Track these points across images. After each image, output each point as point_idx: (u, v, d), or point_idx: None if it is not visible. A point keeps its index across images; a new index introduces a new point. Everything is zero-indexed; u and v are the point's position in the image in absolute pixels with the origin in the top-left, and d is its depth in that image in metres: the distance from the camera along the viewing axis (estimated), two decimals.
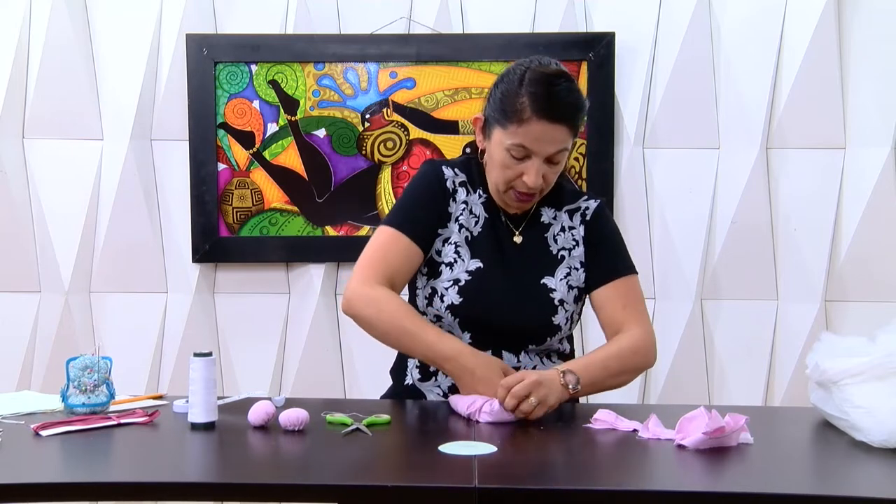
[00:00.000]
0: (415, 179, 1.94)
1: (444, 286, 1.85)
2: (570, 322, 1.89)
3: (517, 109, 1.75)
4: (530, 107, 1.74)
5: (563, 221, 1.93)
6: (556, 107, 1.74)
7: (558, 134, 1.76)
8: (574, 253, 1.91)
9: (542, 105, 1.74)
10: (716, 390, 2.91)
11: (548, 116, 1.74)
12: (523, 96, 1.75)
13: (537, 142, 1.76)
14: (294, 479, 1.38)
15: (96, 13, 2.90)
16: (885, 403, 1.51)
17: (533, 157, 1.77)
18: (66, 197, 2.90)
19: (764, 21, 2.85)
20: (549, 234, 1.91)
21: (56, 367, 2.78)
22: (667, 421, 1.59)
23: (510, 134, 1.77)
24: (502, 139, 1.79)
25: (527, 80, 1.76)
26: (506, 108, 1.77)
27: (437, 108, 2.87)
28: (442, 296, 1.85)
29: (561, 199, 1.94)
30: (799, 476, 1.45)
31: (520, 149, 1.77)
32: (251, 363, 2.94)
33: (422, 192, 1.90)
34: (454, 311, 1.84)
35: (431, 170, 1.92)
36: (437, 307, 1.86)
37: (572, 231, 1.92)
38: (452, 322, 1.86)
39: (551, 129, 1.75)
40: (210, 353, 1.65)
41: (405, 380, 1.96)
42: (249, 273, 2.94)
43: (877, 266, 2.84)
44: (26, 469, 1.43)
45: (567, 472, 1.44)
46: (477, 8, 2.89)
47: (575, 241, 1.91)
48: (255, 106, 2.87)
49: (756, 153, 2.85)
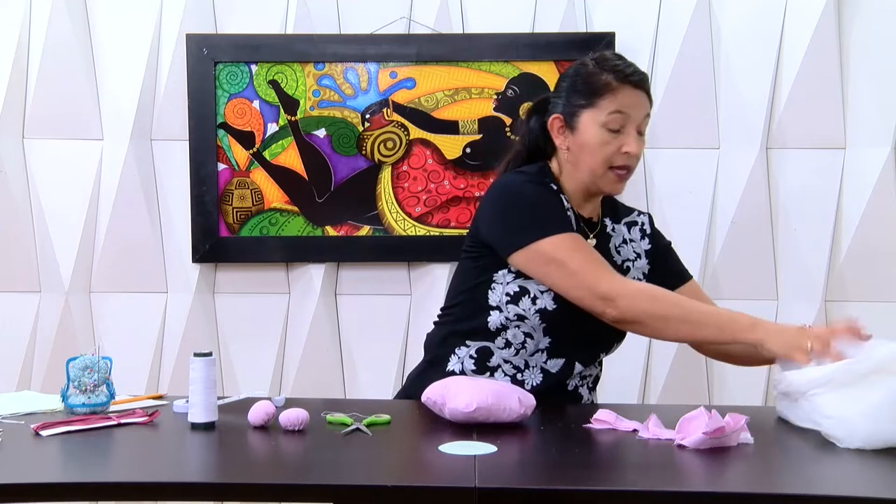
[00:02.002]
0: (528, 189, 1.85)
1: (539, 288, 1.82)
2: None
3: (604, 83, 1.84)
4: (615, 78, 1.83)
5: (623, 234, 1.98)
6: (635, 73, 1.85)
7: (643, 100, 1.86)
8: (637, 264, 1.97)
9: (626, 73, 1.83)
10: (716, 390, 2.92)
11: (632, 83, 1.83)
12: (606, 72, 1.84)
13: (631, 107, 1.84)
14: (294, 479, 1.38)
15: (96, 13, 2.90)
16: (853, 409, 1.51)
17: (628, 126, 1.84)
18: (66, 197, 2.90)
19: (764, 21, 2.85)
20: (612, 245, 1.96)
21: (56, 367, 2.78)
22: (667, 421, 1.59)
23: (604, 107, 1.83)
24: (595, 117, 1.84)
25: (601, 61, 1.86)
26: (592, 89, 1.85)
27: (437, 108, 2.87)
28: (535, 298, 1.82)
29: (617, 210, 2.01)
30: (799, 476, 1.45)
31: (617, 116, 1.82)
32: (251, 363, 2.94)
33: (546, 200, 1.85)
34: (545, 315, 1.82)
35: (536, 179, 1.87)
36: (524, 307, 1.83)
37: (632, 244, 1.98)
38: (538, 325, 1.83)
39: (638, 94, 1.84)
40: (210, 353, 1.65)
41: (448, 366, 1.89)
42: (249, 273, 2.94)
43: (877, 266, 2.85)
44: (26, 469, 1.43)
45: (567, 472, 1.44)
46: (477, 8, 2.89)
47: (637, 253, 1.98)
48: (255, 106, 2.87)
49: (756, 153, 2.85)
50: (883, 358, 1.56)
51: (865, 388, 1.54)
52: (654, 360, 2.90)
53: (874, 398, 1.51)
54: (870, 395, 1.52)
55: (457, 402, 1.61)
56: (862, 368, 1.56)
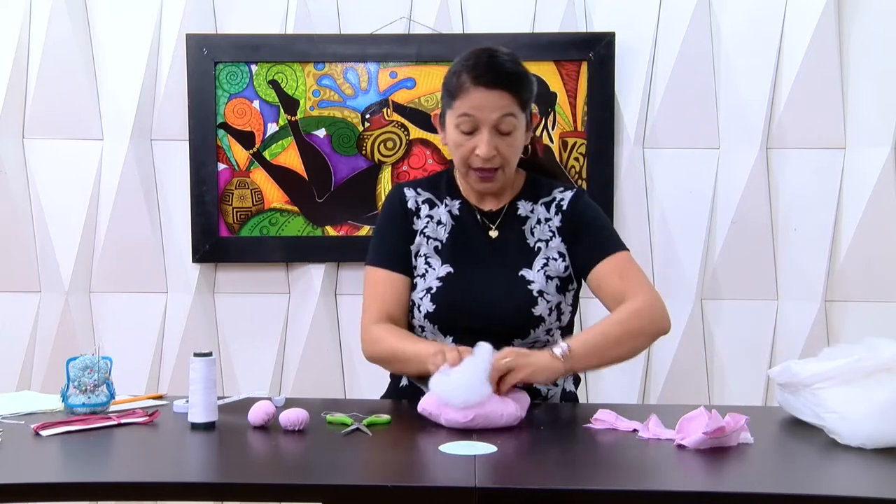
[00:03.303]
0: (382, 208, 2.03)
1: (419, 297, 1.90)
2: (556, 314, 1.89)
3: (457, 85, 1.83)
4: (468, 78, 1.82)
5: (540, 214, 1.95)
6: (491, 73, 1.81)
7: (499, 100, 1.81)
8: (551, 244, 1.92)
9: (478, 73, 1.81)
10: (716, 390, 2.91)
11: (484, 83, 1.80)
12: (465, 73, 1.83)
13: (479, 109, 1.81)
14: (294, 479, 1.38)
15: (96, 13, 2.90)
16: (858, 407, 1.51)
17: (481, 128, 1.82)
18: (66, 197, 2.90)
19: (764, 21, 2.85)
20: (527, 227, 1.94)
21: (56, 367, 2.78)
22: (667, 421, 1.59)
23: (457, 108, 1.84)
24: (451, 118, 1.86)
25: (466, 60, 1.86)
26: (449, 90, 1.86)
27: (436, 108, 2.86)
28: (418, 306, 1.90)
29: (537, 192, 1.97)
30: (799, 476, 1.45)
31: (465, 119, 1.82)
32: (251, 363, 2.94)
33: (388, 221, 1.98)
34: (430, 318, 1.88)
35: (394, 193, 2.01)
36: (417, 318, 1.91)
37: (549, 222, 1.94)
38: (433, 329, 1.89)
39: (490, 95, 1.80)
40: (210, 353, 1.66)
41: (401, 381, 1.99)
42: (249, 273, 2.94)
43: (877, 266, 2.84)
44: (26, 469, 1.44)
45: (567, 472, 1.44)
46: (477, 8, 2.89)
47: (551, 231, 1.93)
48: (255, 106, 2.87)
49: (756, 153, 2.85)
50: (889, 357, 1.56)
51: (870, 386, 1.54)
52: (654, 360, 2.90)
53: (879, 397, 1.51)
54: (875, 393, 1.52)
55: (455, 415, 1.61)
56: (868, 366, 1.56)
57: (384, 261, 1.94)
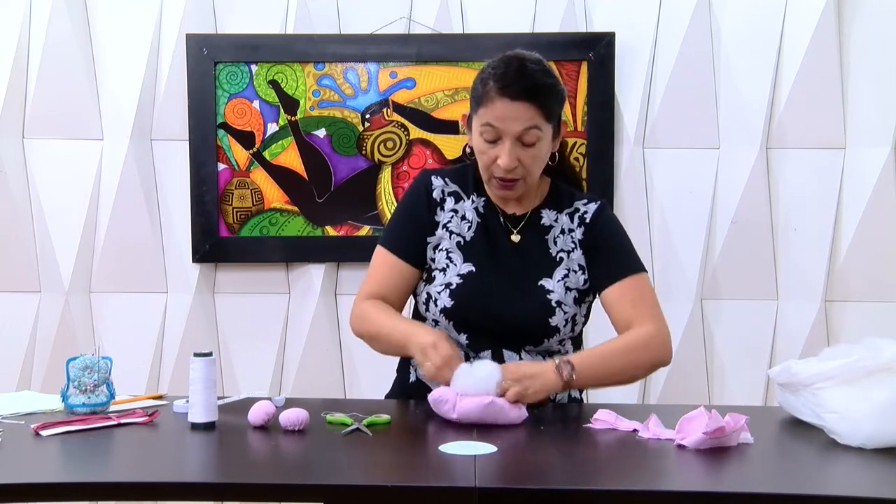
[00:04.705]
0: (407, 191, 2.00)
1: (437, 290, 1.88)
2: (570, 325, 1.88)
3: (484, 93, 1.80)
4: (494, 87, 1.78)
5: (564, 224, 1.93)
6: (518, 84, 1.76)
7: (523, 112, 1.77)
8: (573, 255, 1.91)
9: (505, 83, 1.77)
10: (716, 390, 2.91)
11: (510, 94, 1.77)
12: (489, 78, 1.79)
13: (502, 120, 1.78)
14: (294, 479, 1.38)
15: (96, 13, 2.90)
16: (858, 407, 1.51)
17: (504, 138, 1.80)
18: (66, 197, 2.90)
19: (764, 21, 2.85)
20: (550, 237, 1.92)
21: (56, 367, 2.78)
22: (667, 421, 1.59)
23: (480, 116, 1.81)
24: (476, 125, 1.83)
25: (494, 63, 1.81)
26: (476, 96, 1.83)
27: (437, 108, 2.87)
28: (435, 300, 1.88)
29: (560, 201, 1.95)
30: (799, 476, 1.45)
31: (488, 129, 1.80)
32: (251, 363, 2.94)
33: (410, 207, 1.96)
34: (447, 314, 1.87)
35: (421, 180, 1.97)
36: (432, 311, 1.89)
37: (571, 234, 1.92)
38: (448, 325, 1.88)
39: (514, 106, 1.77)
40: (210, 353, 1.65)
41: (409, 377, 1.97)
42: (249, 273, 2.94)
43: (877, 266, 2.84)
44: (26, 469, 1.43)
45: (567, 472, 1.44)
46: (477, 8, 2.89)
47: (573, 243, 1.91)
48: (255, 106, 2.87)
49: (756, 153, 2.85)
50: (889, 357, 1.56)
51: (871, 386, 1.54)
52: None
53: (880, 397, 1.51)
54: (875, 393, 1.52)
55: (471, 401, 1.63)
56: (868, 366, 1.56)
57: (395, 246, 1.93)
